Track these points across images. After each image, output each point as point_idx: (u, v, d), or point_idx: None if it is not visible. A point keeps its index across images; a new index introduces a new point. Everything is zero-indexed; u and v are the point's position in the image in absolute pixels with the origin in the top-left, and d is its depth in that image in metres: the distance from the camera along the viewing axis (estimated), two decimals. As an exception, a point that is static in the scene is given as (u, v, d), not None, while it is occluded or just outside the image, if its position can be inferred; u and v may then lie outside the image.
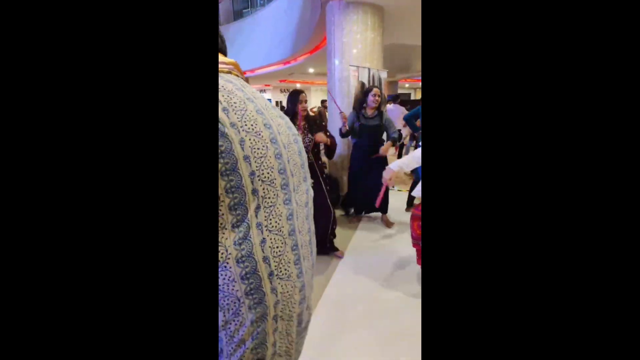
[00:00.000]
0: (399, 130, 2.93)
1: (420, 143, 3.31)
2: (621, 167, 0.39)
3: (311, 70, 9.68)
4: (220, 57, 0.59)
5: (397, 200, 3.47)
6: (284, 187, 0.57)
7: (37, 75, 0.39)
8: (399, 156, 5.51)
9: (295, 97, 2.23)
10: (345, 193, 3.35)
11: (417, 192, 1.99)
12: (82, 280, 0.39)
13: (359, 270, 2.21)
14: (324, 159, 2.68)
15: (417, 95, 17.15)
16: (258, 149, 0.53)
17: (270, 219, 0.55)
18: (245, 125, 0.52)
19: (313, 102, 14.86)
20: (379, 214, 3.07)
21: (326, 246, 2.37)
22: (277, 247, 0.56)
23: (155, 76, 0.42)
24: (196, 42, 0.44)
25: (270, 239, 0.55)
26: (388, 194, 2.90)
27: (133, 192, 0.41)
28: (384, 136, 2.91)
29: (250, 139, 0.53)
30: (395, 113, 4.76)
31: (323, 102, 7.95)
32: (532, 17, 0.41)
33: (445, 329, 0.43)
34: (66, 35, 0.39)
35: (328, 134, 2.37)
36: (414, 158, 1.79)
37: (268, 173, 0.54)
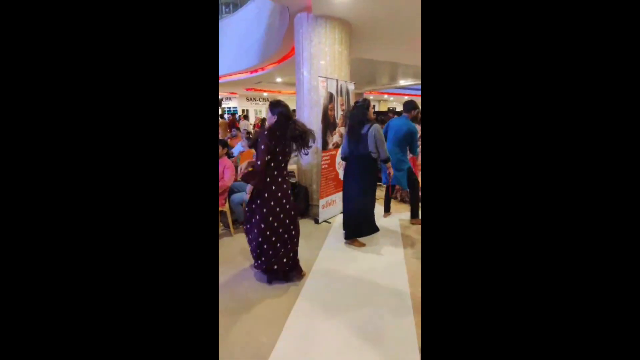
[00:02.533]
0: None
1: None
2: (610, 167, 0.39)
3: (279, 79, 9.68)
4: None
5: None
6: None
7: (40, 81, 0.37)
8: None
9: (286, 109, 1.96)
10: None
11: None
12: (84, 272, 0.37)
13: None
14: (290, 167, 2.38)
15: (380, 107, 17.72)
16: None
17: None
18: None
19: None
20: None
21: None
22: None
23: (159, 76, 0.41)
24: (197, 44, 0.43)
25: None
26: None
27: (139, 190, 0.39)
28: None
29: None
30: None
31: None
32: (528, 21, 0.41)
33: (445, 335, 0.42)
34: (67, 33, 0.38)
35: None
36: None
37: None
